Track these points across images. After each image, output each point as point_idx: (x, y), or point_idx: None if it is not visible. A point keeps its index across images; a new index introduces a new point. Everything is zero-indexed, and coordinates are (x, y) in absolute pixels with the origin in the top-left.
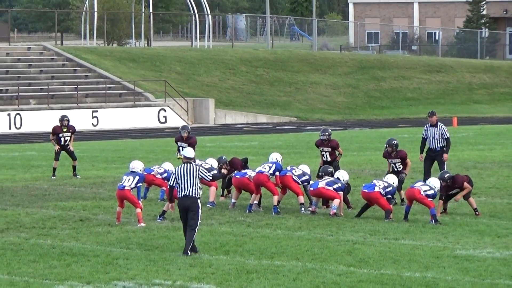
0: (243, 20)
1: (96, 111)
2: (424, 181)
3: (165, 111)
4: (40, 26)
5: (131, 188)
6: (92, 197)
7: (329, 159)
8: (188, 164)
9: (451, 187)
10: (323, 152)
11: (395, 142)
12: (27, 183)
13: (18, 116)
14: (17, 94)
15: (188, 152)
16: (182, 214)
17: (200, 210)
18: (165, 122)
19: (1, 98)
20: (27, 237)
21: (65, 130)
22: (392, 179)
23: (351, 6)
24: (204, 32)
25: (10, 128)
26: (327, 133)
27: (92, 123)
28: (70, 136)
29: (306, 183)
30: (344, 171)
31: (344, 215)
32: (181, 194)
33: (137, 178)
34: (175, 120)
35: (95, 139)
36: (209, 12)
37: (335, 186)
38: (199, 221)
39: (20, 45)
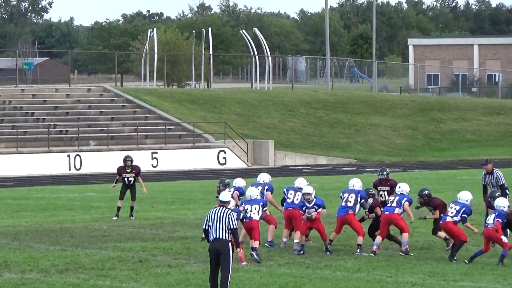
0: (303, 62)
1: (156, 152)
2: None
3: (225, 152)
4: (100, 67)
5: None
6: (152, 238)
7: (387, 198)
8: (220, 208)
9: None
10: (381, 192)
11: (426, 192)
12: (86, 224)
13: (78, 157)
14: (77, 135)
15: (224, 196)
16: (213, 259)
17: (231, 254)
18: (225, 163)
19: (61, 139)
20: (87, 278)
21: (128, 170)
22: (466, 196)
23: (411, 48)
24: (264, 74)
25: (70, 169)
26: (385, 173)
27: (152, 164)
28: (134, 177)
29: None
30: (405, 183)
31: (403, 257)
32: (212, 237)
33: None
34: (234, 162)
35: (155, 180)
36: (269, 54)
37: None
38: (231, 266)
39: (80, 86)
